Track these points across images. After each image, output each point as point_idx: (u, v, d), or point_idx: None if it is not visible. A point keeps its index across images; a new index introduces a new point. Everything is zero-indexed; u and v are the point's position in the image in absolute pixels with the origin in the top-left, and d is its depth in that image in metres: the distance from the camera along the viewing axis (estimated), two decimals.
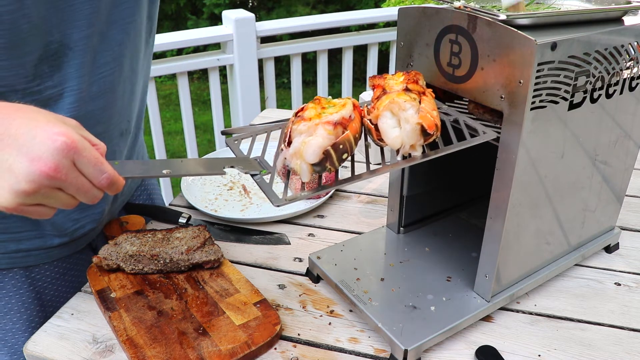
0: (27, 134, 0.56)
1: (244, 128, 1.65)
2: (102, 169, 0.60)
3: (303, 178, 0.64)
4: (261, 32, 2.43)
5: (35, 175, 0.56)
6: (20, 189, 0.56)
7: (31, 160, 0.56)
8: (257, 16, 2.18)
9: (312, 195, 0.65)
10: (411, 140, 0.66)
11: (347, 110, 0.66)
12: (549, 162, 0.76)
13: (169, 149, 4.27)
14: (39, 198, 0.58)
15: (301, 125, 0.64)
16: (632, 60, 0.78)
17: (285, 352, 0.79)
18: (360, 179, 0.66)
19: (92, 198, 0.62)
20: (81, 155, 0.58)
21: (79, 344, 0.80)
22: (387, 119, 0.67)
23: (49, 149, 0.56)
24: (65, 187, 0.59)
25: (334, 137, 0.63)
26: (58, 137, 0.57)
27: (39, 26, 0.73)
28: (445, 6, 0.73)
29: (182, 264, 0.91)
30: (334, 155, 0.62)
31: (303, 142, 0.62)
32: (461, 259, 0.93)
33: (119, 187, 0.63)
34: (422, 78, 0.76)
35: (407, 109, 0.66)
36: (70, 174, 0.58)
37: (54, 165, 0.56)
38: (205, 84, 5.21)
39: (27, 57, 0.74)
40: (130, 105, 0.96)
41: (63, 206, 0.61)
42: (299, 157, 0.62)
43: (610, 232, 1.00)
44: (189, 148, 2.49)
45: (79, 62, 0.80)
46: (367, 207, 1.18)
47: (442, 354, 0.79)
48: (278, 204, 0.62)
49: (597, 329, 0.83)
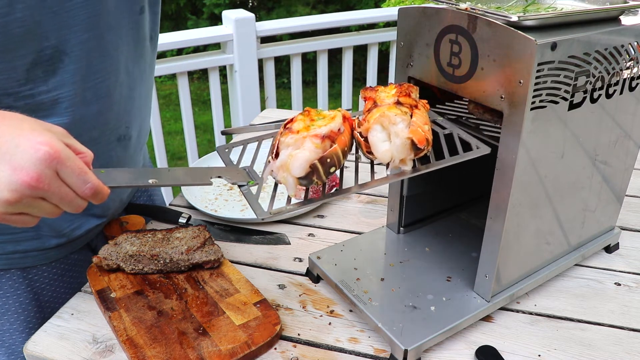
0: (10, 142, 0.56)
1: (244, 128, 1.66)
2: (86, 179, 0.60)
3: (289, 191, 0.63)
4: (261, 32, 2.43)
5: (17, 184, 0.55)
6: (2, 198, 0.56)
7: (13, 170, 0.55)
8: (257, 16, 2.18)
9: (297, 210, 0.65)
10: (401, 155, 0.65)
11: (335, 124, 0.65)
12: (549, 162, 0.76)
13: (169, 149, 4.27)
14: (22, 207, 0.58)
15: (288, 138, 0.63)
16: (632, 60, 0.78)
17: (285, 352, 0.79)
18: (349, 192, 0.66)
19: (75, 207, 0.61)
20: (64, 165, 0.58)
21: (79, 344, 0.80)
22: (377, 133, 0.66)
23: (32, 159, 0.56)
24: (48, 197, 0.58)
25: (322, 150, 0.62)
26: (41, 147, 0.56)
27: (33, 30, 0.72)
28: (445, 6, 0.73)
29: (182, 264, 0.91)
30: (320, 169, 0.61)
31: (290, 155, 0.62)
32: (461, 259, 0.93)
33: (104, 196, 0.62)
34: (416, 90, 0.76)
35: (398, 122, 0.65)
36: (52, 184, 0.58)
37: (36, 175, 0.56)
38: (205, 84, 5.21)
39: (19, 60, 0.74)
40: (129, 111, 0.95)
41: (46, 215, 0.61)
42: (285, 170, 0.62)
43: (610, 232, 1.00)
44: (189, 148, 2.49)
45: (75, 67, 0.79)
46: (367, 207, 1.18)
47: (442, 354, 0.79)
48: (262, 217, 0.62)
49: (597, 329, 0.83)
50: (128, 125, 0.96)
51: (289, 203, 0.66)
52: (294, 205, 0.65)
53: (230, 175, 0.70)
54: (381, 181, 0.67)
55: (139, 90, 0.97)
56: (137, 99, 0.97)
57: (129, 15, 0.86)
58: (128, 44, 0.88)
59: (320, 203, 0.64)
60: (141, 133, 1.04)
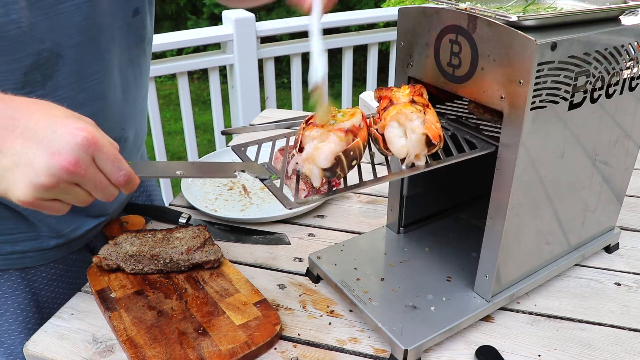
0: (48, 129, 0.56)
1: (244, 128, 1.66)
2: (120, 166, 0.61)
3: (314, 182, 0.66)
4: (261, 32, 2.43)
5: (55, 169, 0.56)
6: (39, 183, 0.56)
7: (51, 155, 0.56)
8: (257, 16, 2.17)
9: (323, 199, 0.67)
10: (416, 150, 0.68)
11: (357, 119, 0.69)
12: (549, 162, 0.76)
13: (169, 149, 4.27)
14: (57, 193, 0.58)
15: (314, 131, 0.66)
16: (632, 60, 0.78)
17: (285, 352, 0.79)
18: (366, 186, 0.68)
19: (108, 195, 0.62)
20: (101, 151, 0.58)
21: (79, 344, 0.80)
22: (394, 129, 0.69)
23: (70, 144, 0.56)
24: (83, 183, 0.59)
25: (345, 143, 0.65)
26: (79, 132, 0.57)
27: (28, 33, 0.72)
28: (445, 6, 0.73)
29: (182, 264, 0.91)
30: (344, 161, 0.64)
31: (316, 147, 0.64)
32: (461, 259, 0.93)
33: (134, 185, 0.63)
34: (426, 92, 0.78)
35: (414, 119, 0.68)
36: (89, 170, 0.58)
37: (74, 160, 0.56)
38: (205, 84, 5.21)
39: (16, 64, 0.74)
40: (124, 113, 0.95)
41: (78, 203, 0.61)
42: (311, 161, 0.64)
43: (610, 232, 1.00)
44: (189, 148, 2.49)
45: (69, 70, 0.79)
46: (367, 207, 1.18)
47: (442, 354, 0.79)
48: (290, 207, 0.64)
49: (597, 329, 0.83)
50: (124, 127, 0.96)
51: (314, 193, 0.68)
52: (319, 196, 0.67)
53: (253, 170, 0.72)
54: (398, 175, 0.71)
55: (134, 92, 0.96)
56: (132, 100, 0.96)
57: (122, 17, 0.86)
58: (121, 45, 0.88)
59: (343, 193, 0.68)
60: (138, 134, 1.04)
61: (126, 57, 0.90)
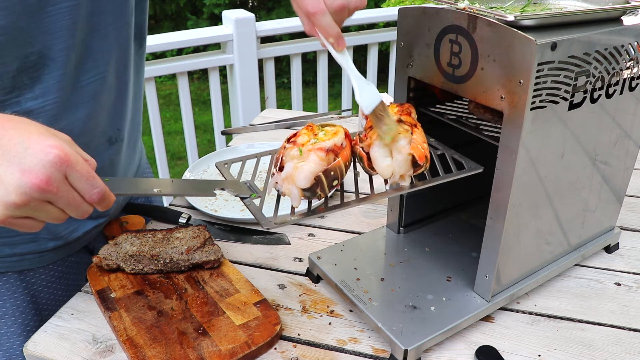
0: (20, 145, 0.56)
1: (244, 128, 1.66)
2: (94, 184, 0.60)
3: (293, 202, 0.65)
4: (261, 32, 2.43)
5: (26, 187, 0.55)
6: (9, 201, 0.55)
7: (23, 172, 0.55)
8: (257, 16, 2.17)
9: (300, 220, 0.66)
10: (401, 170, 0.68)
11: (339, 138, 0.67)
12: (549, 162, 0.76)
13: (169, 149, 4.27)
14: (28, 211, 0.57)
15: (294, 151, 0.65)
16: (632, 60, 0.78)
17: (285, 352, 0.79)
18: (349, 206, 0.67)
19: (82, 213, 0.61)
20: (74, 169, 0.57)
21: (79, 344, 0.80)
22: (380, 148, 0.69)
23: (42, 161, 0.55)
24: (56, 201, 0.58)
25: (326, 163, 0.64)
26: (51, 150, 0.56)
27: (16, 37, 0.71)
28: (445, 6, 0.73)
29: (182, 264, 0.91)
30: (324, 181, 0.63)
31: (295, 166, 0.63)
32: (461, 259, 0.93)
33: (110, 202, 0.62)
34: (414, 111, 0.78)
35: (400, 139, 0.68)
36: (61, 188, 0.57)
37: (46, 177, 0.55)
38: (205, 84, 5.21)
39: (4, 68, 0.73)
40: (119, 114, 0.94)
41: (52, 220, 0.60)
42: (291, 181, 0.64)
43: (610, 232, 1.00)
44: (189, 148, 2.49)
45: (60, 73, 0.79)
46: (367, 207, 1.18)
47: (442, 354, 0.79)
48: (267, 227, 0.63)
49: (597, 329, 0.83)
50: (119, 127, 0.96)
51: (293, 213, 0.67)
52: (297, 215, 0.67)
53: (233, 188, 0.72)
54: (381, 195, 0.69)
55: (128, 92, 0.96)
56: (127, 101, 0.96)
57: (115, 18, 0.85)
58: (115, 46, 0.87)
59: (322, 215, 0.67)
60: (133, 133, 1.04)
61: (120, 57, 0.89)
